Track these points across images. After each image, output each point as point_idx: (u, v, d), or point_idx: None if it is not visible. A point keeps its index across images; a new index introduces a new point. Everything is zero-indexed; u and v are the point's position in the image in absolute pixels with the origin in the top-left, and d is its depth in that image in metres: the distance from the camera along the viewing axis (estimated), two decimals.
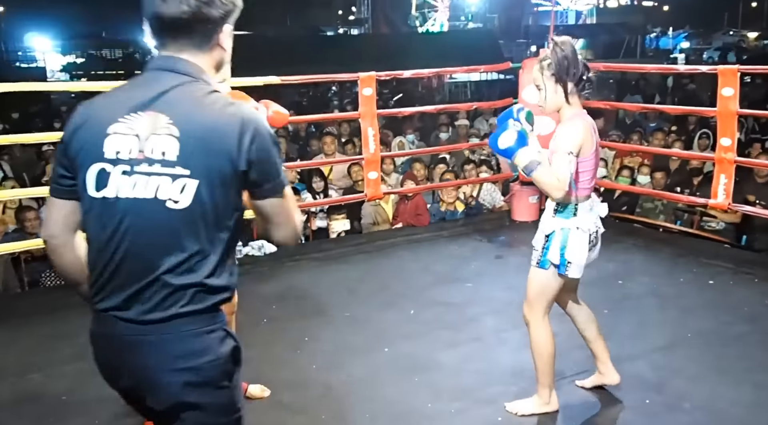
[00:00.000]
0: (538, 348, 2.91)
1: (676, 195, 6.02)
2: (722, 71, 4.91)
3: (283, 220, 1.66)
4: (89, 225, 1.62)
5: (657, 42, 46.88)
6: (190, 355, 1.58)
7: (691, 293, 4.35)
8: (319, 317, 4.08)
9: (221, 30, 1.65)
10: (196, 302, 1.58)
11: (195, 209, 1.55)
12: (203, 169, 1.54)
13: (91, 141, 1.58)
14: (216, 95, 1.60)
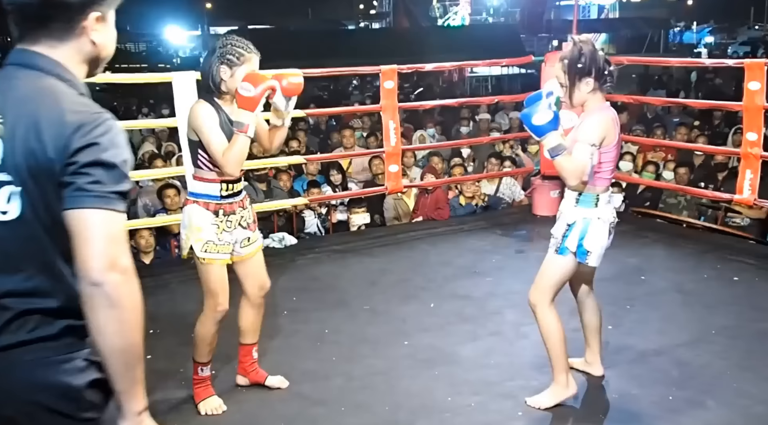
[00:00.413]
0: (548, 332, 2.94)
1: (700, 190, 5.95)
2: (749, 65, 4.84)
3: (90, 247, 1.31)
4: None
5: (680, 36, 46.39)
6: (40, 387, 1.36)
7: (716, 290, 4.30)
8: (340, 309, 4.09)
9: (85, 18, 1.42)
10: (46, 328, 1.37)
11: (27, 221, 1.34)
12: (23, 172, 1.33)
13: None
14: (59, 90, 1.38)
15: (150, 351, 3.57)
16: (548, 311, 2.93)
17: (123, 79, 5.04)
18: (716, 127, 9.34)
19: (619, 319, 3.85)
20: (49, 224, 1.35)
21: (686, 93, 14.59)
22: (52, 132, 1.32)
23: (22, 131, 1.33)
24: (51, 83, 1.39)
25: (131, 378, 1.38)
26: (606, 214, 2.84)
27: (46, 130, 1.32)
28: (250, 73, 2.74)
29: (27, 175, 1.33)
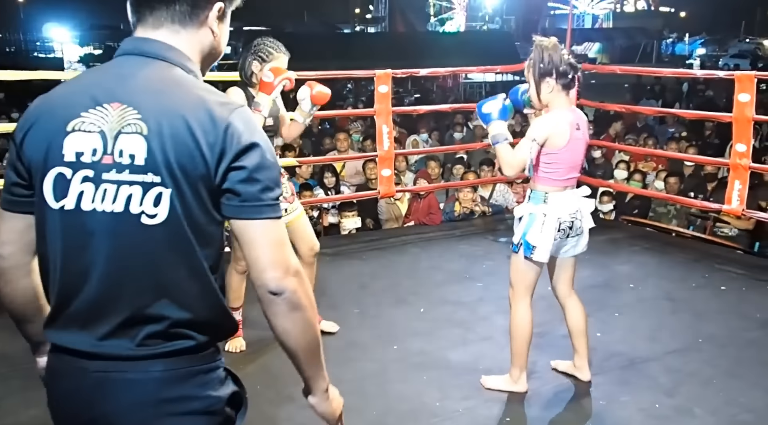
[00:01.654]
0: (515, 329, 3.07)
1: (689, 200, 5.99)
2: (739, 77, 4.89)
3: (262, 256, 1.28)
4: (45, 243, 1.30)
5: (673, 48, 46.72)
6: (178, 399, 1.29)
7: (704, 298, 4.33)
8: (330, 312, 4.07)
9: (210, 7, 1.35)
10: (189, 339, 1.30)
11: (174, 223, 1.25)
12: (175, 173, 1.24)
13: (49, 141, 1.27)
14: (196, 84, 1.32)
15: None
16: (519, 307, 3.05)
17: None
18: (707, 138, 9.41)
19: (608, 326, 3.87)
20: (196, 227, 1.27)
21: (678, 104, 14.69)
22: (202, 128, 1.24)
23: (168, 128, 1.24)
24: (179, 74, 1.31)
25: (316, 364, 1.43)
26: (556, 212, 2.90)
27: (197, 126, 1.24)
28: (274, 67, 3.22)
29: (180, 175, 1.24)
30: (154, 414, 1.28)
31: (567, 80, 2.86)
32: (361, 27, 45.54)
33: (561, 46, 2.93)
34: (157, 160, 1.23)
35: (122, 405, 1.28)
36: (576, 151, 2.91)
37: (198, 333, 1.31)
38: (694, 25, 47.31)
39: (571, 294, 3.21)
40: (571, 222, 2.95)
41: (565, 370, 3.31)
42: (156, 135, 1.23)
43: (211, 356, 1.35)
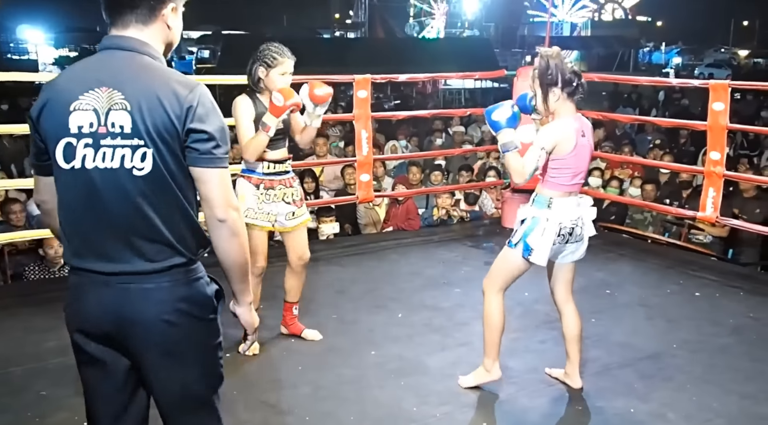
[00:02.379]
0: (488, 319, 3.14)
1: (665, 207, 6.05)
2: (713, 86, 4.95)
3: (212, 195, 1.75)
4: (63, 194, 1.77)
5: (650, 56, 47.26)
6: (185, 298, 1.78)
7: (678, 304, 4.38)
8: (307, 318, 4.06)
9: (164, 6, 1.77)
10: (178, 256, 1.77)
11: (157, 173, 1.70)
12: (153, 137, 1.69)
13: (57, 118, 1.71)
14: (161, 68, 1.76)
15: None
16: (494, 299, 3.12)
17: None
18: (682, 145, 9.54)
19: (584, 332, 3.86)
20: (173, 175, 1.72)
21: (654, 111, 14.86)
22: (172, 102, 1.68)
23: (147, 102, 1.68)
24: (148, 61, 1.74)
25: (245, 281, 1.86)
26: (558, 217, 2.96)
27: (167, 101, 1.68)
28: (285, 88, 3.28)
29: (158, 139, 1.68)
30: (166, 310, 1.75)
31: (572, 88, 2.93)
32: (341, 32, 45.55)
33: (564, 56, 2.99)
34: (140, 128, 1.68)
35: (142, 307, 1.74)
36: (582, 157, 2.97)
37: (186, 250, 1.78)
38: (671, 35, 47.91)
39: (569, 300, 3.24)
40: (571, 228, 3.00)
41: (557, 377, 3.33)
42: (137, 110, 1.68)
43: (197, 268, 1.83)
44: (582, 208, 3.06)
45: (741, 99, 14.86)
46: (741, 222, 5.35)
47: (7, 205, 5.56)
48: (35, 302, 4.23)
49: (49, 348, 3.61)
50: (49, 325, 3.86)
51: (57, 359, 3.47)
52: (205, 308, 1.83)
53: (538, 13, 45.05)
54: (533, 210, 3.02)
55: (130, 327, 1.75)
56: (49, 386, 3.26)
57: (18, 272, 5.11)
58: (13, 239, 4.79)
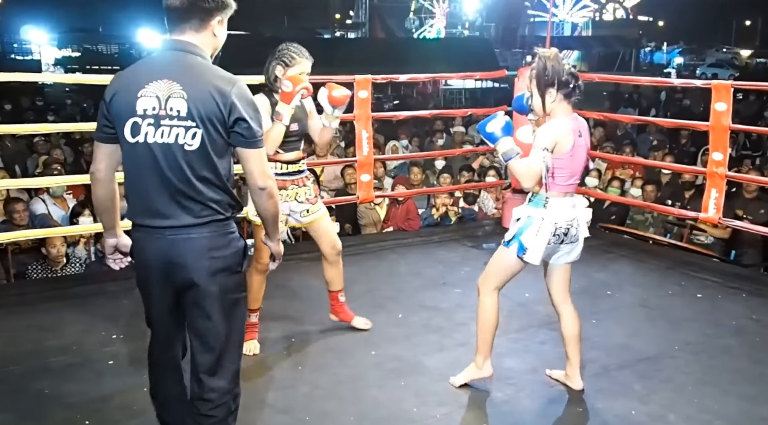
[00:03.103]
0: (482, 318, 3.17)
1: (667, 208, 6.04)
2: (716, 86, 4.93)
3: (254, 169, 2.24)
4: (130, 163, 2.22)
5: (651, 56, 47.21)
6: (217, 247, 2.23)
7: (679, 306, 4.36)
8: (307, 317, 4.06)
9: (212, 19, 2.24)
10: (216, 214, 2.22)
11: (203, 149, 2.16)
12: (204, 121, 2.14)
13: (127, 102, 2.16)
14: (210, 66, 2.22)
15: (113, 356, 3.53)
16: (488, 298, 3.14)
17: (93, 80, 4.96)
18: (683, 146, 9.52)
19: (584, 333, 3.85)
20: (216, 151, 2.18)
21: (656, 112, 14.84)
22: (219, 95, 2.13)
23: (200, 94, 2.13)
24: (199, 60, 2.21)
25: (276, 225, 2.42)
26: (554, 217, 2.97)
27: (215, 94, 2.13)
28: (292, 76, 3.36)
29: (207, 122, 2.14)
30: (206, 256, 2.21)
31: (568, 90, 2.95)
32: (341, 32, 45.52)
33: (562, 57, 3.00)
34: (193, 113, 2.13)
35: (188, 251, 2.21)
36: (578, 158, 2.98)
37: (223, 210, 2.24)
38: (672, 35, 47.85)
39: (566, 302, 3.24)
40: (566, 229, 3.01)
41: (557, 379, 3.32)
42: (192, 99, 2.13)
43: (231, 224, 2.29)
44: (577, 209, 3.07)
45: (743, 99, 14.82)
46: (744, 223, 5.33)
47: (10, 204, 5.59)
48: (37, 301, 4.24)
49: (51, 347, 3.61)
50: (50, 324, 3.88)
51: (58, 357, 3.48)
52: (235, 257, 2.28)
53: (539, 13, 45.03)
54: (529, 209, 3.04)
55: (181, 269, 2.21)
56: (50, 385, 3.26)
57: (21, 271, 5.14)
58: (16, 239, 4.80)
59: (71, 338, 3.75)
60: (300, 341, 3.77)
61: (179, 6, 2.20)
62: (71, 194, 6.35)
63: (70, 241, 5.39)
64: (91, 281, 4.74)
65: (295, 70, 3.42)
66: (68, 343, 3.69)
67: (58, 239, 4.99)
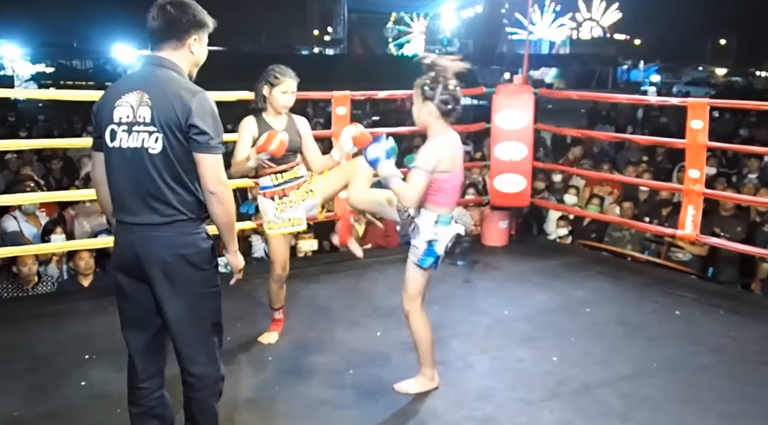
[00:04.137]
0: (418, 336, 3.33)
1: (644, 225, 6.06)
2: (692, 104, 4.97)
3: (206, 173, 2.39)
4: (108, 166, 2.44)
5: (628, 74, 47.78)
6: (183, 245, 2.41)
7: (658, 323, 4.36)
8: (284, 336, 4.00)
9: (189, 38, 2.46)
10: (180, 215, 2.40)
11: (165, 152, 2.35)
12: (164, 127, 2.34)
13: (107, 112, 2.41)
14: (179, 79, 2.42)
15: (84, 377, 3.45)
16: (418, 316, 3.31)
17: (66, 97, 4.88)
18: (659, 163, 9.59)
19: (563, 350, 3.87)
20: (176, 155, 2.36)
21: (633, 129, 14.95)
22: (179, 104, 2.33)
23: (162, 102, 2.34)
24: (172, 74, 2.42)
25: (232, 234, 2.55)
26: (447, 232, 3.17)
27: (175, 102, 2.33)
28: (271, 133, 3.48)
29: (166, 128, 2.33)
30: (171, 254, 2.39)
31: (447, 109, 3.05)
32: (320, 49, 45.63)
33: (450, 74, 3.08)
34: (155, 120, 2.34)
35: (154, 248, 2.39)
36: (459, 173, 3.15)
37: (188, 211, 2.42)
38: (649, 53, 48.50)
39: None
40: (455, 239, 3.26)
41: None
42: (155, 106, 2.34)
43: (197, 225, 2.47)
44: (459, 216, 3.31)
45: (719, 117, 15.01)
46: (721, 240, 5.36)
47: None
48: (7, 321, 4.16)
49: (19, 369, 3.54)
50: (19, 344, 3.80)
51: (26, 378, 3.41)
52: (200, 255, 2.44)
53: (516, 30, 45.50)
54: (441, 229, 3.15)
55: (144, 262, 2.39)
56: (20, 406, 3.18)
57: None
58: None
59: (41, 359, 3.67)
60: (277, 359, 3.71)
61: (158, 25, 2.42)
62: (44, 212, 6.22)
63: (41, 259, 5.27)
64: (63, 300, 4.64)
65: (281, 88, 3.65)
66: (37, 365, 3.61)
67: (29, 258, 4.89)
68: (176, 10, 2.41)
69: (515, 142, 5.86)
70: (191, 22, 2.43)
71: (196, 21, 2.45)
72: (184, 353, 2.49)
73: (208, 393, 2.54)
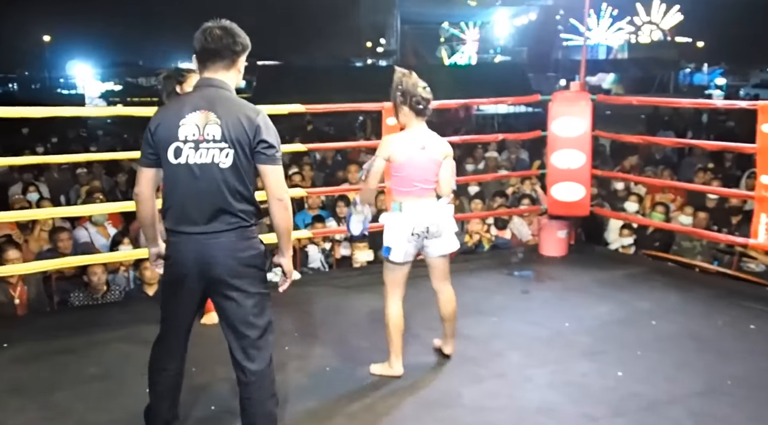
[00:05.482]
0: (387, 321, 3.57)
1: (714, 234, 5.80)
2: (762, 107, 4.74)
3: (272, 183, 2.62)
4: (171, 181, 2.61)
5: (691, 78, 46.50)
6: (242, 249, 2.63)
7: (730, 337, 4.15)
8: (340, 346, 3.97)
9: (239, 60, 2.69)
10: (243, 221, 2.62)
11: (234, 166, 2.58)
12: (235, 143, 2.56)
13: (170, 130, 2.58)
14: (238, 99, 2.65)
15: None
16: (390, 304, 3.58)
17: (132, 113, 5.02)
18: (728, 169, 9.24)
19: (627, 365, 3.71)
20: (244, 168, 2.59)
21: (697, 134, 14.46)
22: (247, 122, 2.56)
23: (232, 120, 2.56)
24: (228, 94, 2.64)
25: (290, 240, 2.75)
26: (409, 218, 3.45)
27: (244, 121, 2.56)
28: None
29: (236, 144, 2.56)
30: (233, 256, 2.61)
31: (418, 109, 3.47)
32: (372, 60, 45.82)
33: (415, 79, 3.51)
34: (226, 137, 2.56)
35: (219, 252, 2.60)
36: (417, 167, 3.44)
37: (248, 218, 2.64)
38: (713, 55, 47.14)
39: (443, 287, 3.75)
40: (426, 227, 3.47)
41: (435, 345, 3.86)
42: (225, 125, 2.56)
43: (254, 231, 2.68)
44: (436, 209, 3.48)
45: None
46: None
47: (55, 233, 5.80)
48: (79, 328, 4.31)
49: (90, 374, 3.66)
50: (91, 351, 3.94)
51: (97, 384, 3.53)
52: (258, 258, 2.67)
53: (571, 36, 44.86)
54: (389, 215, 3.52)
55: (211, 267, 2.60)
56: (89, 410, 3.28)
57: (63, 299, 5.20)
58: (60, 267, 4.90)
59: (111, 365, 3.77)
60: (334, 370, 3.68)
61: (214, 48, 2.61)
62: (111, 223, 6.45)
63: (110, 269, 5.48)
64: (130, 309, 4.74)
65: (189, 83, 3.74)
66: (107, 370, 3.71)
67: (99, 267, 5.08)
68: (228, 35, 2.62)
69: (573, 150, 5.71)
70: (243, 44, 2.66)
71: (244, 45, 2.67)
72: (244, 351, 2.66)
73: (265, 392, 2.70)
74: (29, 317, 4.77)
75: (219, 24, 2.63)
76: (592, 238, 6.93)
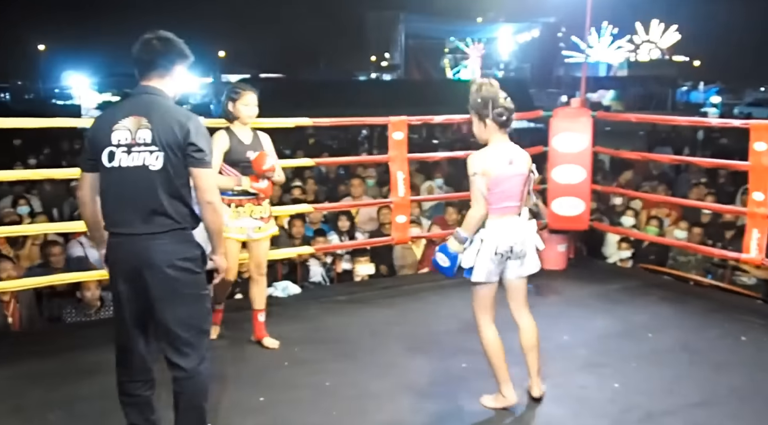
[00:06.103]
0: (487, 350, 3.37)
1: (707, 248, 5.90)
2: (754, 126, 4.85)
3: (202, 185, 2.73)
4: (105, 184, 2.71)
5: (688, 96, 46.75)
6: (180, 252, 2.71)
7: (724, 349, 4.24)
8: (343, 361, 4.02)
9: (174, 69, 2.79)
10: (177, 224, 2.70)
11: (164, 169, 2.67)
12: (165, 146, 2.66)
13: (104, 136, 2.69)
14: (172, 105, 2.77)
15: None
16: (484, 329, 3.38)
17: None
18: (722, 185, 9.35)
19: (625, 377, 3.79)
20: (175, 172, 2.68)
21: (692, 151, 14.59)
22: (177, 126, 2.67)
23: (162, 124, 2.66)
24: (162, 101, 2.74)
25: (221, 239, 2.87)
26: (493, 237, 3.23)
27: (174, 125, 2.66)
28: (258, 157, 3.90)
29: (167, 147, 2.65)
30: (169, 259, 2.68)
31: (502, 120, 3.25)
32: (377, 74, 46.03)
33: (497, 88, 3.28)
34: (156, 141, 2.66)
35: (155, 255, 2.67)
36: (508, 183, 3.25)
37: (182, 221, 2.72)
38: (709, 74, 47.43)
39: (523, 313, 3.48)
40: (509, 247, 3.25)
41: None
42: (156, 130, 2.66)
43: (190, 234, 2.77)
44: (521, 227, 3.28)
45: None
46: None
47: (47, 247, 5.63)
48: (72, 345, 4.25)
49: (87, 392, 3.60)
50: (85, 368, 3.86)
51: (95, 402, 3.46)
52: (194, 260, 2.75)
53: (573, 53, 45.15)
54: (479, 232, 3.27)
55: (145, 268, 2.67)
56: None
57: (55, 315, 5.13)
58: (53, 282, 4.79)
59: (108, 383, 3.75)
60: (336, 385, 3.73)
61: (148, 59, 2.75)
62: None
63: (104, 285, 5.34)
64: None
65: (243, 101, 3.97)
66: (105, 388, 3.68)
67: (93, 283, 4.99)
68: (163, 46, 2.75)
69: (573, 165, 5.81)
70: (177, 54, 2.78)
71: (181, 55, 2.79)
72: (177, 350, 2.75)
73: (197, 388, 2.81)
74: (22, 336, 4.75)
75: (156, 35, 2.76)
76: (591, 252, 7.03)
